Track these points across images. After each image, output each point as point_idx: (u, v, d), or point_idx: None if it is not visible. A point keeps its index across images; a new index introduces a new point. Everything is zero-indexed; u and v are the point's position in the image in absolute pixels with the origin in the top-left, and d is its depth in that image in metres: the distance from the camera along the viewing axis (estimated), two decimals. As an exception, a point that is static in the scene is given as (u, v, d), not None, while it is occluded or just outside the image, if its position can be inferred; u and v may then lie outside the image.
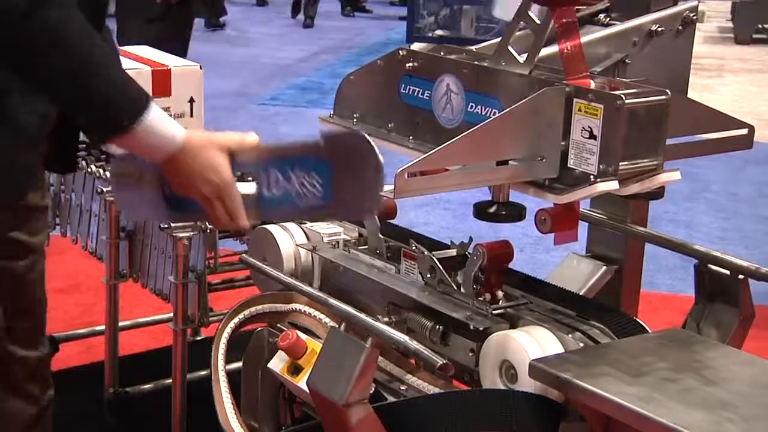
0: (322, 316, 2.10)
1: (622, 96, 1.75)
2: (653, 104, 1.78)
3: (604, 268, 2.40)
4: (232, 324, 2.26)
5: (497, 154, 1.82)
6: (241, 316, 2.26)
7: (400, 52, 2.07)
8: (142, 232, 2.64)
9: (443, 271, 2.05)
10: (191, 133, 1.80)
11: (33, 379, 2.06)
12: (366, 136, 1.76)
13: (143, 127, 1.71)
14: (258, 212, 1.86)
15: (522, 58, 1.93)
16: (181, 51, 5.96)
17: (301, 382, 1.88)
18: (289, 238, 2.30)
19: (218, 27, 10.98)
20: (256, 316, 2.26)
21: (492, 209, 1.96)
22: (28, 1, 1.60)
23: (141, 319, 3.40)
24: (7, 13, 1.60)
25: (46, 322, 1.98)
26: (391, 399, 1.99)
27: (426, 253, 2.08)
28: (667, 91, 1.81)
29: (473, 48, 2.14)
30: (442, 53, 2.08)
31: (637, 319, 2.00)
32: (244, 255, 2.34)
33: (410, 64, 2.04)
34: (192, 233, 2.43)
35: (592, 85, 1.85)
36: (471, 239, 2.16)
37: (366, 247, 2.25)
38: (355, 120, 2.15)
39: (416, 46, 2.11)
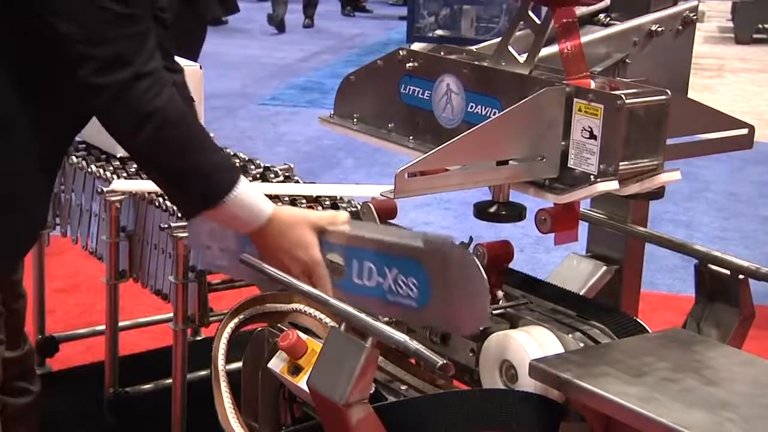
0: (323, 316, 2.10)
1: (623, 96, 1.75)
2: (653, 104, 1.78)
3: (604, 268, 2.40)
4: (232, 324, 2.25)
5: (497, 154, 1.82)
6: (241, 316, 2.25)
7: (400, 52, 2.07)
8: (142, 231, 2.64)
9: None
10: (281, 208, 1.88)
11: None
12: (470, 253, 1.78)
13: (232, 202, 1.78)
14: (344, 294, 1.89)
15: (522, 58, 1.93)
16: (185, 52, 5.93)
17: (301, 382, 1.88)
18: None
19: (221, 22, 10.92)
20: (256, 316, 2.26)
21: (492, 209, 1.96)
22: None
23: (141, 319, 3.40)
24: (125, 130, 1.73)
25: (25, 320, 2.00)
26: (391, 399, 1.99)
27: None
28: (668, 91, 1.80)
29: (473, 48, 2.14)
30: (442, 53, 2.08)
31: (638, 319, 2.00)
32: (244, 255, 2.33)
33: (410, 64, 2.04)
34: (192, 233, 2.42)
35: (593, 85, 1.85)
36: (471, 239, 2.16)
37: (366, 247, 2.25)
38: (355, 120, 2.15)
39: (416, 46, 2.11)
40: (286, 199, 2.35)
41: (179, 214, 2.49)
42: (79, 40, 1.67)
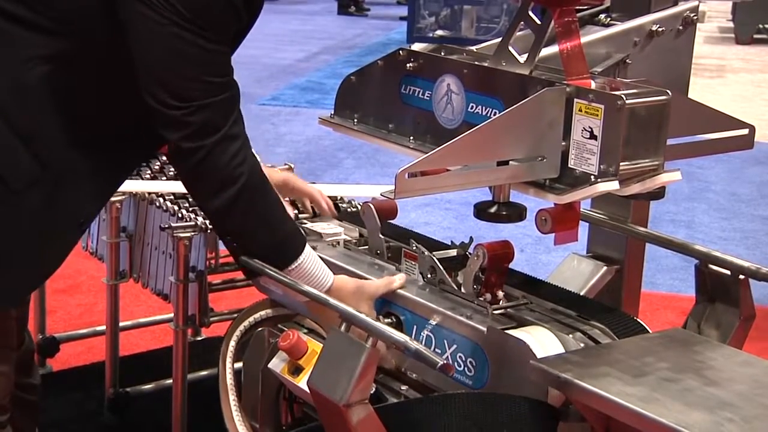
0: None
1: (623, 96, 1.74)
2: (654, 104, 1.78)
3: (605, 268, 2.40)
4: (241, 327, 2.27)
5: (498, 154, 1.82)
6: (251, 318, 2.27)
7: (401, 52, 2.06)
8: (143, 232, 2.64)
9: (444, 271, 2.05)
10: (341, 279, 1.97)
11: None
12: (530, 347, 1.80)
13: (296, 271, 1.89)
14: (400, 357, 1.96)
15: (522, 59, 1.93)
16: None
17: (302, 382, 1.88)
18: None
19: None
20: (266, 320, 2.27)
21: (492, 209, 1.96)
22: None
23: (141, 319, 3.41)
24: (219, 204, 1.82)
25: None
26: (391, 399, 1.99)
27: (426, 253, 2.08)
28: (668, 91, 1.80)
29: (474, 48, 2.14)
30: (442, 53, 2.08)
31: (638, 320, 2.00)
32: (242, 258, 2.34)
33: (410, 65, 2.04)
34: (192, 233, 2.43)
35: (593, 85, 1.85)
36: (471, 239, 2.16)
37: (366, 246, 2.25)
38: (355, 120, 2.15)
39: (416, 47, 2.11)
40: (287, 199, 2.36)
41: (178, 215, 2.49)
42: (174, 106, 1.72)
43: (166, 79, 1.72)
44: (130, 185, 2.64)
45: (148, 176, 2.71)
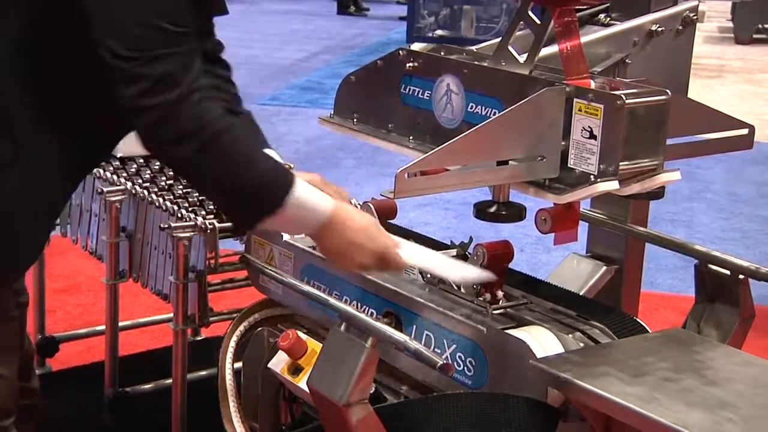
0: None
1: (623, 96, 1.75)
2: (653, 104, 1.78)
3: (605, 268, 2.40)
4: (241, 327, 2.27)
5: (497, 154, 1.82)
6: (251, 318, 2.27)
7: (400, 52, 2.07)
8: (143, 231, 2.64)
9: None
10: (341, 203, 1.85)
11: None
12: (530, 346, 1.79)
13: (292, 204, 1.75)
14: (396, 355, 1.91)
15: (522, 58, 1.93)
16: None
17: (302, 382, 1.88)
18: (288, 237, 2.30)
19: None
20: (265, 320, 2.27)
21: (492, 209, 1.96)
22: (200, 140, 1.68)
23: (141, 319, 3.40)
24: (182, 152, 1.69)
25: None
26: (391, 399, 1.99)
27: (426, 253, 2.08)
28: (668, 91, 1.81)
29: (473, 48, 2.14)
30: (442, 53, 2.08)
31: (638, 319, 2.00)
32: (244, 255, 2.34)
33: (410, 64, 2.04)
34: (192, 233, 2.43)
35: (593, 85, 1.85)
36: (471, 239, 2.16)
37: (366, 247, 2.25)
38: (355, 120, 2.15)
39: (416, 46, 2.11)
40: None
41: (178, 215, 2.49)
42: (129, 58, 1.64)
43: (119, 26, 1.64)
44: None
45: (147, 176, 2.70)
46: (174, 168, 1.87)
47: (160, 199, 2.56)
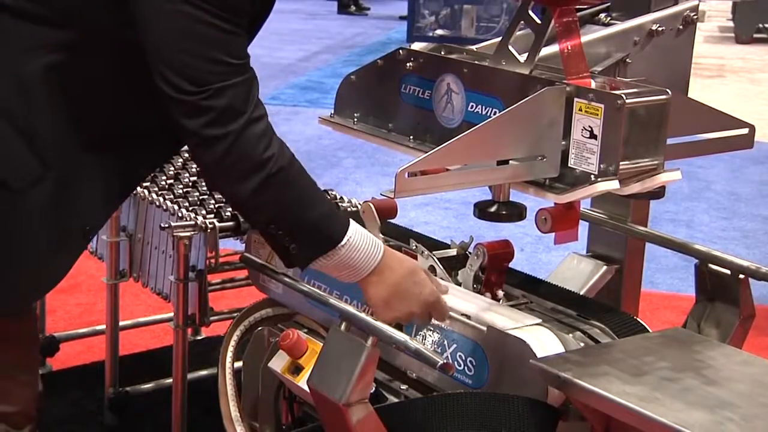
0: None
1: (623, 96, 1.74)
2: (654, 104, 1.78)
3: (605, 267, 2.40)
4: (241, 327, 2.27)
5: (498, 153, 1.82)
6: (251, 318, 2.27)
7: (401, 51, 2.07)
8: (143, 231, 2.64)
9: (444, 271, 2.05)
10: (390, 249, 1.83)
11: None
12: (530, 346, 1.78)
13: (348, 246, 1.74)
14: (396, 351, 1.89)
15: (522, 58, 1.93)
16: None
17: (302, 381, 1.88)
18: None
19: None
20: (265, 319, 2.27)
21: (492, 209, 1.96)
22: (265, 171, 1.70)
23: (141, 319, 3.40)
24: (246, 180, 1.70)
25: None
26: (391, 399, 1.99)
27: (426, 252, 2.08)
28: (668, 90, 1.80)
29: (474, 48, 2.14)
30: (442, 53, 2.08)
31: (638, 319, 2.00)
32: (244, 254, 2.34)
33: (410, 64, 2.04)
34: (192, 232, 2.43)
35: (593, 84, 1.85)
36: (471, 239, 2.16)
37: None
38: (355, 120, 2.15)
39: (416, 46, 2.11)
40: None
41: (178, 215, 2.49)
42: (193, 92, 1.65)
43: (182, 63, 1.66)
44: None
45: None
46: (240, 203, 1.81)
47: (161, 199, 2.56)
